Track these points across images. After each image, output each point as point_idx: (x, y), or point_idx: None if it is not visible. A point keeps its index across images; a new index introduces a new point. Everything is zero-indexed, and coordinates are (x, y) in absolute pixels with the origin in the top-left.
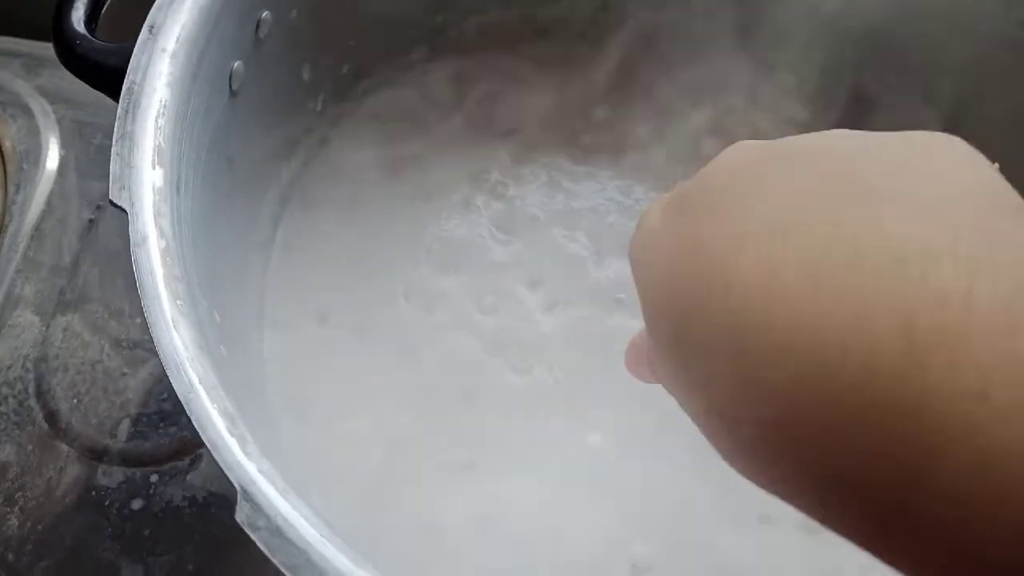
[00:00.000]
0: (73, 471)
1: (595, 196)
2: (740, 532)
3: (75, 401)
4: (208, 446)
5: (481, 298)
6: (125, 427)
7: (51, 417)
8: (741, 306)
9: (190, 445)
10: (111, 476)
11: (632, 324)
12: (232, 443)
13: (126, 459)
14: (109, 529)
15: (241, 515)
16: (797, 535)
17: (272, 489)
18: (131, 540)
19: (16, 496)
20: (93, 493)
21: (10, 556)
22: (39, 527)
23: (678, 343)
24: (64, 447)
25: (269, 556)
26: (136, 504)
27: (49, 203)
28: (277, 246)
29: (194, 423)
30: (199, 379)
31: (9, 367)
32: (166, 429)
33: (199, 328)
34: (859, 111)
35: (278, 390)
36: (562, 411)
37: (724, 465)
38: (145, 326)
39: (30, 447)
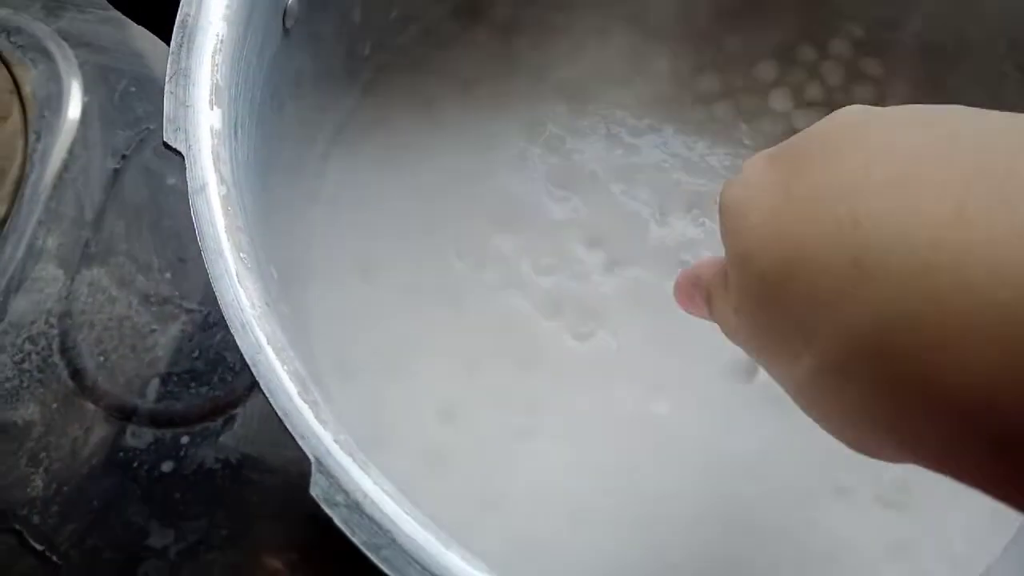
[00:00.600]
0: (100, 431)
1: (656, 151)
2: (815, 507)
3: (101, 359)
4: (279, 413)
5: (537, 258)
6: (154, 386)
7: (76, 375)
8: (872, 238)
9: (223, 405)
10: (140, 437)
11: None
12: (305, 409)
13: (155, 420)
14: (138, 492)
15: (316, 489)
16: (874, 508)
17: (351, 461)
18: (161, 503)
19: (41, 456)
20: (121, 454)
21: (35, 518)
22: (65, 489)
23: (779, 293)
24: (90, 406)
25: (348, 535)
26: (166, 466)
27: (72, 152)
28: (323, 199)
29: (262, 387)
30: (267, 339)
31: (32, 322)
32: (197, 389)
33: (263, 284)
34: (934, 63)
35: (325, 350)
36: (625, 378)
37: (796, 437)
38: (174, 281)
39: (55, 405)
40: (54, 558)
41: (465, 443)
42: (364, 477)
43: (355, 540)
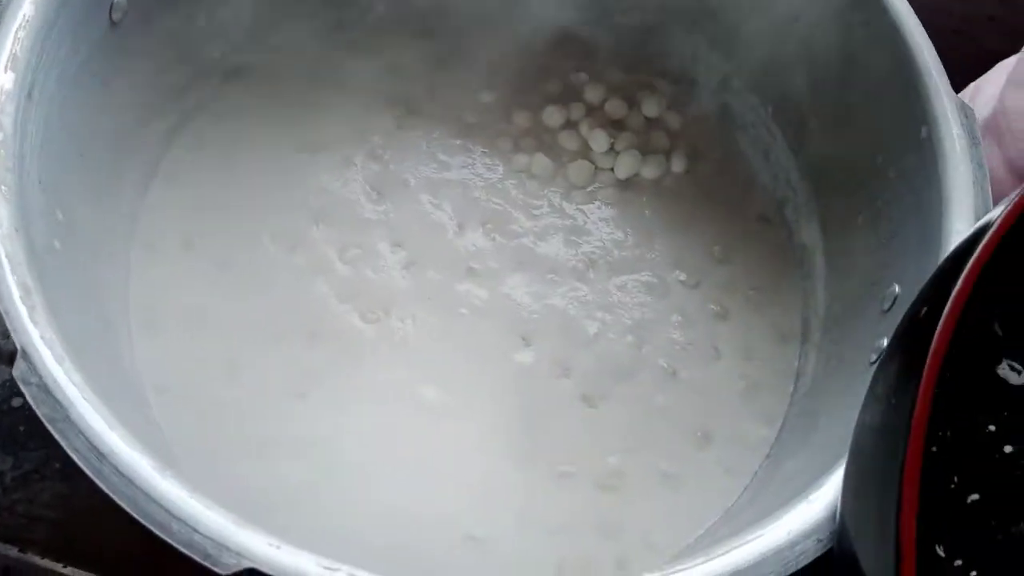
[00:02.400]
0: None
1: (464, 170)
2: (542, 489)
3: None
4: (2, 313)
5: (344, 250)
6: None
7: None
8: None
9: None
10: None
11: (479, 293)
12: (22, 310)
13: (11, 360)
14: None
15: (17, 371)
16: (593, 491)
17: (49, 354)
18: (6, 434)
19: None
20: None
21: None
22: None
23: None
24: None
25: (34, 408)
26: (16, 402)
27: None
28: (160, 175)
29: None
30: (5, 253)
31: None
32: None
33: (21, 214)
34: None
35: (138, 303)
36: (402, 361)
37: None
38: None
39: None
40: None
41: (244, 398)
42: (57, 368)
43: (39, 412)
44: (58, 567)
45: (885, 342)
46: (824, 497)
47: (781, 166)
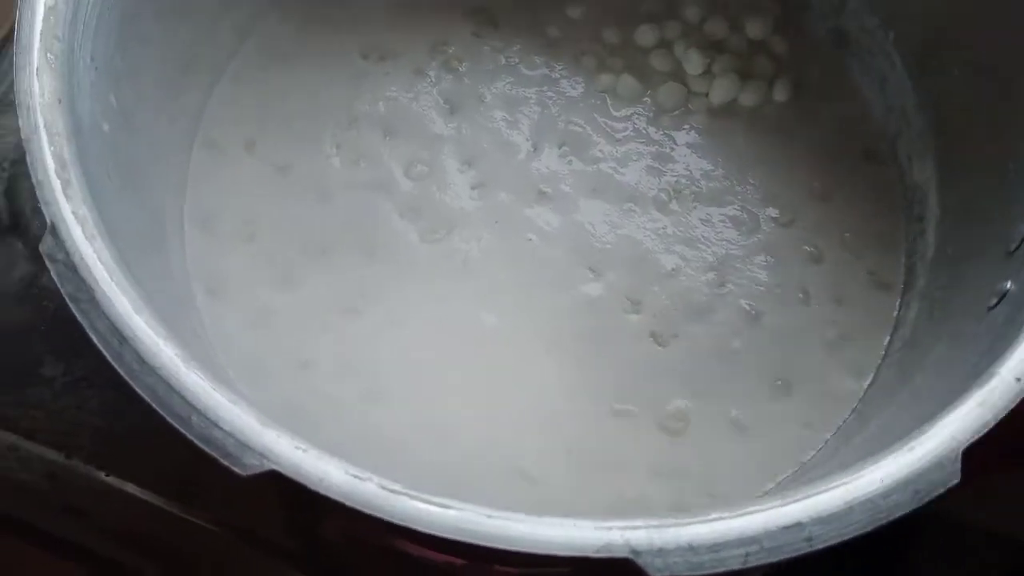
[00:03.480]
0: (22, 269)
1: (544, 88)
2: (597, 426)
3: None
4: (34, 182)
5: (411, 165)
6: None
7: (14, 215)
8: None
9: None
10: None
11: (550, 218)
12: (56, 184)
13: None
14: (42, 327)
15: (44, 245)
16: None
17: (80, 230)
18: (59, 340)
19: None
20: (35, 291)
21: None
22: None
23: None
24: (19, 245)
25: (59, 285)
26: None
27: None
28: (227, 75)
29: (28, 162)
30: (44, 124)
31: None
32: None
33: (67, 87)
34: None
35: (194, 202)
36: (462, 285)
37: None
38: None
39: None
40: None
41: (296, 308)
42: (86, 244)
43: (63, 290)
44: (100, 475)
45: (1010, 284)
46: (926, 445)
47: (897, 97)
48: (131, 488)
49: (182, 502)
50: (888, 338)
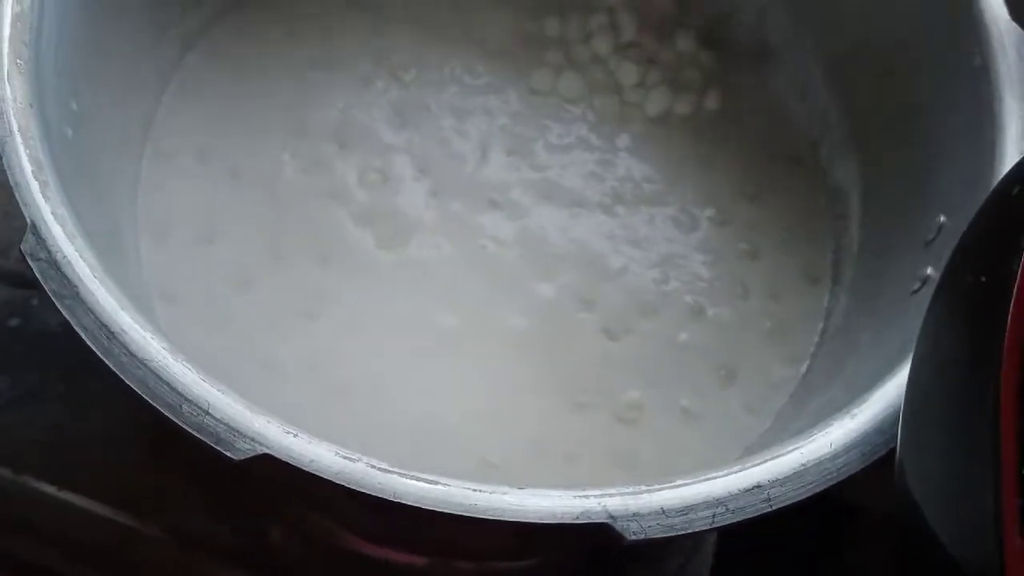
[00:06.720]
0: None
1: (488, 96)
2: (557, 418)
3: None
4: (12, 186)
5: (364, 174)
6: (16, 251)
7: None
8: None
9: None
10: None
11: (503, 225)
12: (34, 185)
13: (11, 280)
14: None
15: (26, 246)
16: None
17: (60, 230)
18: (3, 355)
19: None
20: None
21: None
22: None
23: None
24: None
25: (42, 283)
26: (13, 322)
27: None
28: (173, 84)
29: (4, 164)
30: (19, 128)
31: None
32: None
33: (37, 92)
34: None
35: (148, 210)
36: (419, 289)
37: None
38: None
39: None
40: None
41: (252, 313)
42: (67, 243)
43: (46, 288)
44: (52, 490)
45: (930, 271)
46: (867, 412)
47: (819, 104)
48: (82, 501)
49: (132, 512)
50: (821, 326)
